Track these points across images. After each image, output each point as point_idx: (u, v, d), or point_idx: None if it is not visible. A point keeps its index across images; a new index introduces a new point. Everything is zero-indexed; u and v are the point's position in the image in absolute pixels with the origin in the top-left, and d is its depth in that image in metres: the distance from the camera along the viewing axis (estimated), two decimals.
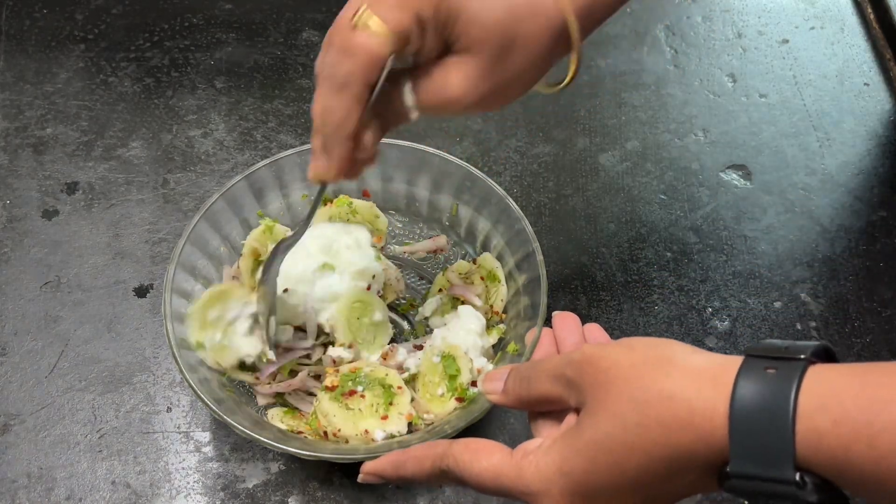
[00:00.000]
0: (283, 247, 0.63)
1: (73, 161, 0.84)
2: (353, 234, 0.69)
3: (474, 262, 0.73)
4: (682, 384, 0.41)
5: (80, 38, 0.93)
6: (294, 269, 0.66)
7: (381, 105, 0.52)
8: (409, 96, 0.51)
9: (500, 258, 0.72)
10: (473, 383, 0.65)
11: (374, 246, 0.70)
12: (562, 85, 0.57)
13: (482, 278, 0.71)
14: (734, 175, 0.86)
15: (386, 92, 0.51)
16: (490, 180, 0.70)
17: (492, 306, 0.71)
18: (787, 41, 0.97)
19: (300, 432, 0.64)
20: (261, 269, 0.65)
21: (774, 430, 0.38)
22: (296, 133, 0.87)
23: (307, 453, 0.58)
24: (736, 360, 0.41)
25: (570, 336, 0.57)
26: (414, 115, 0.52)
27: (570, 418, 0.47)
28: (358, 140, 0.51)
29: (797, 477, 0.38)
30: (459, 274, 0.72)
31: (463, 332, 0.66)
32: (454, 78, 0.50)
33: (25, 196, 0.81)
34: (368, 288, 0.68)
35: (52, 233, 0.79)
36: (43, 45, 0.92)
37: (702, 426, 0.40)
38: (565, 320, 0.58)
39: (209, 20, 0.96)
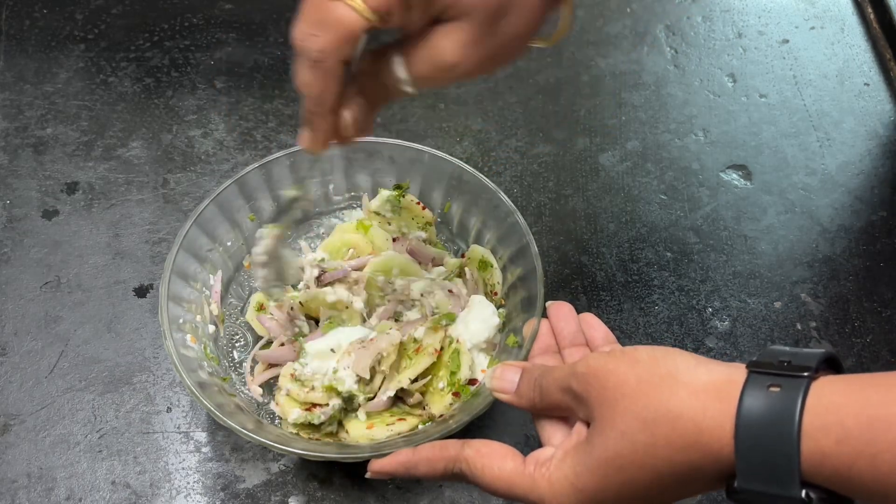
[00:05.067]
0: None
1: (73, 161, 0.84)
2: None
3: (463, 255, 0.73)
4: (689, 402, 0.42)
5: (80, 38, 0.93)
6: None
7: (368, 81, 0.50)
8: (400, 69, 0.49)
9: (493, 252, 0.71)
10: (471, 381, 0.65)
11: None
12: (554, 37, 0.54)
13: (475, 269, 0.72)
14: (734, 175, 0.86)
15: (374, 67, 0.49)
16: (481, 175, 0.70)
17: (491, 290, 0.71)
18: (787, 41, 0.97)
19: (317, 439, 0.64)
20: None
21: (780, 450, 0.38)
22: (296, 133, 0.86)
23: (309, 454, 0.58)
24: (740, 374, 0.42)
25: (567, 326, 0.57)
26: (408, 88, 0.49)
27: (580, 429, 0.48)
28: (339, 116, 0.50)
29: (803, 494, 0.39)
30: (451, 270, 0.72)
31: (477, 323, 0.67)
32: (447, 45, 0.47)
33: (25, 196, 0.81)
34: None
35: (52, 233, 0.79)
36: (43, 45, 0.92)
37: (709, 444, 0.41)
38: (560, 310, 0.58)
39: (209, 20, 0.96)
